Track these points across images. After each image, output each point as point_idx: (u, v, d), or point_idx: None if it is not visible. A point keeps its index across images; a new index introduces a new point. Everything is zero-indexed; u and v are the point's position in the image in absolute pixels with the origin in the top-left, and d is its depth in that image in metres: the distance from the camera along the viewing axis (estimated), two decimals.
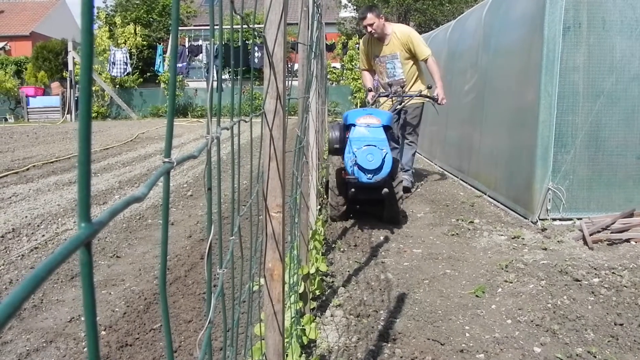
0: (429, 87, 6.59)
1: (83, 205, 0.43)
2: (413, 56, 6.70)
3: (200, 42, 25.70)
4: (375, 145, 4.85)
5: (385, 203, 5.32)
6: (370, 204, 5.61)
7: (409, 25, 13.65)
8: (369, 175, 4.83)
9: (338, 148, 5.39)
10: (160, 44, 26.39)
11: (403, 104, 6.52)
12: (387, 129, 5.21)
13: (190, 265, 4.30)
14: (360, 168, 4.83)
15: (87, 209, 0.43)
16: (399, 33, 6.63)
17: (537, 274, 3.95)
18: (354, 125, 5.17)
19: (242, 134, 1.50)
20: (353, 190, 4.99)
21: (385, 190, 4.99)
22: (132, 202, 0.52)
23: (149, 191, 0.56)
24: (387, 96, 6.58)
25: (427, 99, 6.63)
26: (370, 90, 6.88)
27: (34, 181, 8.08)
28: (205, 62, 24.70)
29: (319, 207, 4.85)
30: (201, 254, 4.57)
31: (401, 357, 2.86)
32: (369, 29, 6.58)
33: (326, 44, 15.07)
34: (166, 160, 0.67)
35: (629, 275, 3.84)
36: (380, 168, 4.82)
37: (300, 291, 2.98)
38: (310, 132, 4.04)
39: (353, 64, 23.51)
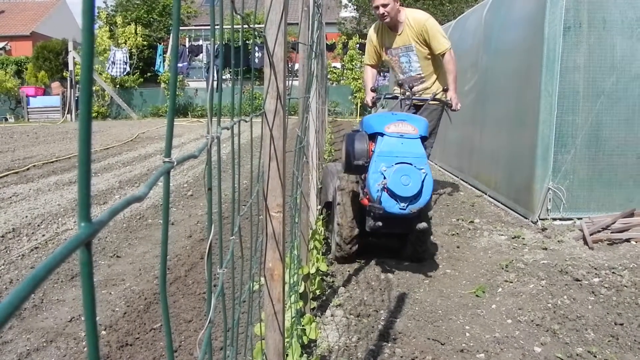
0: (445, 90, 5.30)
1: (83, 205, 0.43)
2: (430, 48, 5.46)
3: (200, 42, 25.71)
4: (411, 164, 3.63)
5: (411, 237, 4.17)
6: (386, 236, 4.49)
7: None
8: (403, 204, 3.60)
9: (361, 165, 3.88)
10: (160, 43, 26.40)
11: (422, 105, 5.19)
12: (424, 140, 3.89)
13: (190, 265, 4.30)
14: (391, 194, 3.60)
15: (87, 209, 0.43)
16: (412, 20, 5.36)
17: (537, 274, 3.95)
18: (381, 134, 3.83)
19: (242, 133, 1.51)
20: (379, 223, 3.79)
21: (424, 224, 3.84)
22: (133, 202, 0.52)
23: (149, 191, 0.56)
24: (394, 98, 5.27)
25: (439, 104, 5.40)
26: (373, 91, 5.44)
27: (34, 181, 8.08)
28: (205, 62, 24.69)
29: (319, 207, 4.81)
30: (201, 253, 4.57)
31: (401, 356, 2.86)
32: (381, 10, 5.28)
33: (326, 43, 15.08)
34: (166, 160, 0.67)
35: (629, 275, 3.84)
36: (418, 195, 3.60)
37: (301, 291, 2.98)
38: (310, 132, 4.04)
39: (353, 63, 23.53)
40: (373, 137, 3.93)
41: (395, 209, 3.61)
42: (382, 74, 24.98)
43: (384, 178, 3.62)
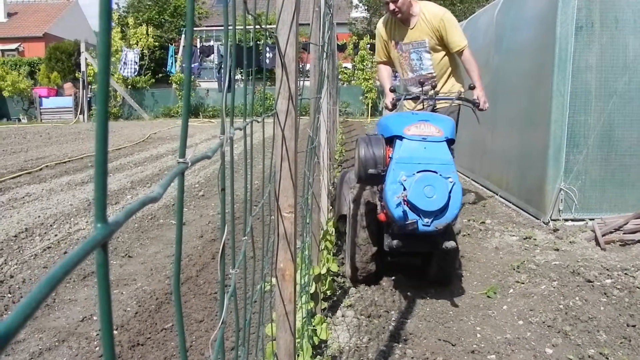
0: (471, 88, 4.55)
1: (99, 206, 0.43)
2: (445, 45, 4.85)
3: (211, 43, 25.77)
4: (436, 172, 3.11)
5: (435, 256, 3.65)
6: (407, 255, 4.03)
7: None
8: (427, 219, 3.08)
9: (376, 174, 3.35)
10: (172, 44, 26.50)
11: (436, 107, 4.52)
12: (450, 144, 3.35)
13: (201, 265, 4.31)
14: (413, 208, 3.08)
15: (103, 209, 0.43)
16: (428, 14, 4.77)
17: (549, 275, 3.93)
18: (399, 137, 3.30)
19: (254, 134, 1.51)
20: (398, 242, 3.35)
21: (452, 243, 3.28)
22: (148, 203, 0.53)
23: (164, 191, 0.56)
24: (414, 99, 4.64)
25: (466, 103, 4.58)
26: (392, 91, 4.68)
27: (47, 181, 8.14)
28: (217, 62, 24.75)
29: (330, 207, 4.80)
30: (212, 254, 4.58)
31: (412, 357, 2.86)
32: (392, 6, 4.72)
33: (337, 44, 15.07)
34: (181, 160, 0.67)
35: None
36: (444, 208, 3.08)
37: (312, 291, 2.98)
38: (321, 133, 4.04)
39: (364, 64, 23.52)
40: (391, 140, 3.40)
41: (418, 226, 3.09)
42: (394, 73, 25.00)
43: (404, 189, 3.09)
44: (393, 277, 3.95)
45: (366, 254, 3.66)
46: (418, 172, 3.11)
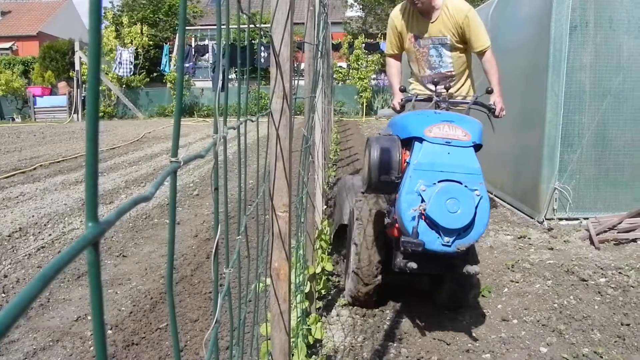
0: (488, 92, 3.94)
1: (90, 205, 0.43)
2: (465, 44, 4.40)
3: (206, 42, 25.73)
4: (461, 182, 2.68)
5: (450, 280, 3.23)
6: (415, 275, 3.51)
7: None
8: (448, 238, 2.64)
9: (389, 182, 2.90)
10: (166, 43, 26.44)
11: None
12: (477, 149, 2.86)
13: (196, 265, 4.31)
14: (432, 224, 2.64)
15: (94, 209, 0.43)
16: (452, 9, 4.30)
17: (543, 274, 3.94)
18: (419, 139, 2.84)
19: (248, 133, 1.51)
20: (411, 264, 2.83)
21: (475, 268, 2.88)
22: (140, 202, 0.53)
23: (156, 191, 0.56)
24: (426, 100, 3.93)
25: (481, 109, 3.99)
26: (402, 91, 4.15)
27: (40, 180, 8.11)
28: (211, 61, 24.72)
29: (324, 207, 4.79)
30: (207, 253, 4.58)
31: (407, 356, 2.86)
32: None
33: (332, 43, 15.07)
34: (173, 159, 0.67)
35: (635, 275, 3.83)
36: (469, 226, 2.65)
37: (306, 291, 2.98)
38: (316, 132, 4.04)
39: (359, 63, 23.50)
40: (408, 143, 2.94)
41: (436, 244, 2.63)
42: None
43: (422, 201, 2.65)
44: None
45: (370, 274, 3.21)
46: (440, 181, 2.68)
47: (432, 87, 4.00)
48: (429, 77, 4.45)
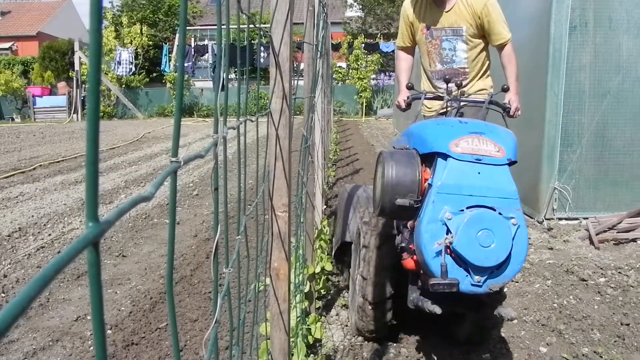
0: (504, 90, 3.52)
1: (91, 205, 0.43)
2: (484, 36, 3.92)
3: (206, 42, 25.73)
4: (495, 209, 2.22)
5: (474, 317, 2.78)
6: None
7: None
8: (479, 277, 2.18)
9: (407, 207, 2.36)
10: (166, 43, 26.44)
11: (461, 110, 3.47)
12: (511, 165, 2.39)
13: (196, 265, 4.31)
14: (459, 260, 2.19)
15: (94, 209, 0.43)
16: None
17: (543, 274, 3.94)
18: (443, 156, 2.33)
19: (248, 133, 1.51)
20: (434, 306, 2.36)
21: (510, 313, 2.36)
22: (140, 202, 0.53)
23: (156, 191, 0.56)
24: (436, 99, 3.62)
25: (495, 108, 3.48)
26: (409, 88, 3.66)
27: (40, 180, 8.11)
28: (211, 61, 24.72)
29: (324, 207, 4.79)
30: (207, 253, 4.58)
31: (407, 356, 2.86)
32: None
33: (332, 43, 15.07)
34: (173, 159, 0.67)
35: (635, 275, 3.83)
36: (505, 263, 2.19)
37: (306, 290, 2.98)
38: (315, 132, 4.04)
39: (358, 63, 23.50)
40: (429, 159, 2.44)
41: (464, 284, 2.18)
42: (387, 73, 24.97)
43: (448, 232, 2.19)
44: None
45: (380, 313, 2.81)
46: (469, 207, 2.22)
47: (441, 85, 3.69)
48: (439, 72, 3.97)
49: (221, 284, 1.21)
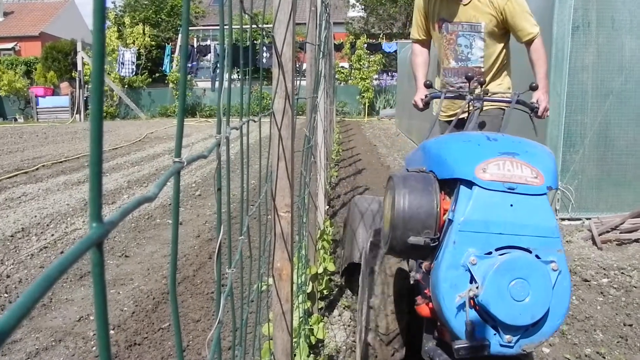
0: (532, 88, 3.10)
1: (94, 205, 0.43)
2: (506, 32, 3.60)
3: (208, 42, 25.75)
4: (531, 251, 1.77)
5: None
6: None
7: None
8: (510, 336, 1.74)
9: (421, 246, 1.88)
10: (168, 44, 26.46)
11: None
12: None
13: (198, 265, 4.31)
14: (487, 317, 1.74)
15: (98, 209, 0.43)
16: None
17: None
18: (467, 183, 1.85)
19: (251, 133, 1.51)
20: None
21: None
22: (143, 202, 0.53)
23: (159, 191, 0.56)
24: (457, 97, 3.22)
25: (522, 108, 3.14)
26: (428, 86, 3.28)
27: (43, 181, 8.12)
28: (213, 62, 24.73)
29: (326, 207, 4.78)
30: (209, 253, 4.58)
31: (408, 355, 2.86)
32: None
33: (334, 43, 15.07)
34: (177, 160, 0.67)
35: (638, 276, 3.82)
36: (543, 320, 1.74)
37: (309, 291, 2.98)
38: (318, 132, 4.04)
39: (361, 63, 23.50)
40: (449, 185, 1.98)
41: (493, 345, 1.75)
42: (389, 73, 24.95)
43: (472, 281, 1.76)
44: None
45: (391, 350, 2.41)
46: (499, 249, 1.77)
47: (454, 80, 3.53)
48: (452, 70, 3.64)
49: (224, 284, 1.22)
